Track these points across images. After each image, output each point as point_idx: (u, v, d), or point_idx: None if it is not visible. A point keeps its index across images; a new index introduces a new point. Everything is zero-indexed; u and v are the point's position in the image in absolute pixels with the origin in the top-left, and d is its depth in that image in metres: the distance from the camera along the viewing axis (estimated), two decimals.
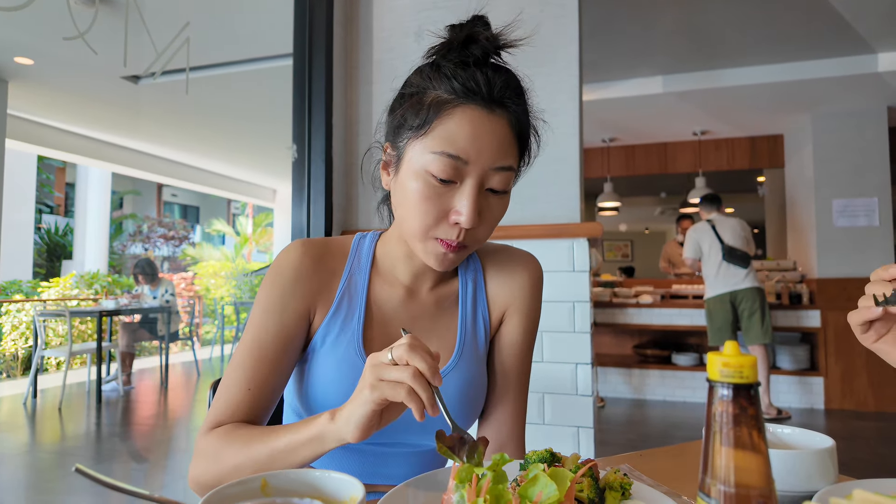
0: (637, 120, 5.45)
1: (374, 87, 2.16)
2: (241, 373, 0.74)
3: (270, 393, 0.76)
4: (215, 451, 0.70)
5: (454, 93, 0.69)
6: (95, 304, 6.67)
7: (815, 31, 3.80)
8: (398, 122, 0.74)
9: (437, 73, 0.72)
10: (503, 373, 0.87)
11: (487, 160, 0.70)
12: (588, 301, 1.88)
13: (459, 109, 0.69)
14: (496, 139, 0.70)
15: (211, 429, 0.73)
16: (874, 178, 4.78)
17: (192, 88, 4.73)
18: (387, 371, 0.59)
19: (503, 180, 0.72)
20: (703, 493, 0.40)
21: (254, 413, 0.75)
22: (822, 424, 4.29)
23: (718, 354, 0.40)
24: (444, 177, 0.69)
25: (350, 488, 0.51)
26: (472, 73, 0.70)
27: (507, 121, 0.71)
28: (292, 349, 0.77)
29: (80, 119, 6.03)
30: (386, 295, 0.83)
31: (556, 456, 0.61)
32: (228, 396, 0.74)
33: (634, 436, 4.07)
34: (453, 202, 0.71)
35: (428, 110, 0.70)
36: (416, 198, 0.71)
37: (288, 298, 0.77)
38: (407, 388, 0.58)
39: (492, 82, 0.70)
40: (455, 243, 0.72)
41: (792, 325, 4.86)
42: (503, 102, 0.71)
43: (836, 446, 0.67)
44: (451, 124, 0.69)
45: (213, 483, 0.68)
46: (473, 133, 0.69)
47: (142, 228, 13.47)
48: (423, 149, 0.70)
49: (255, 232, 13.43)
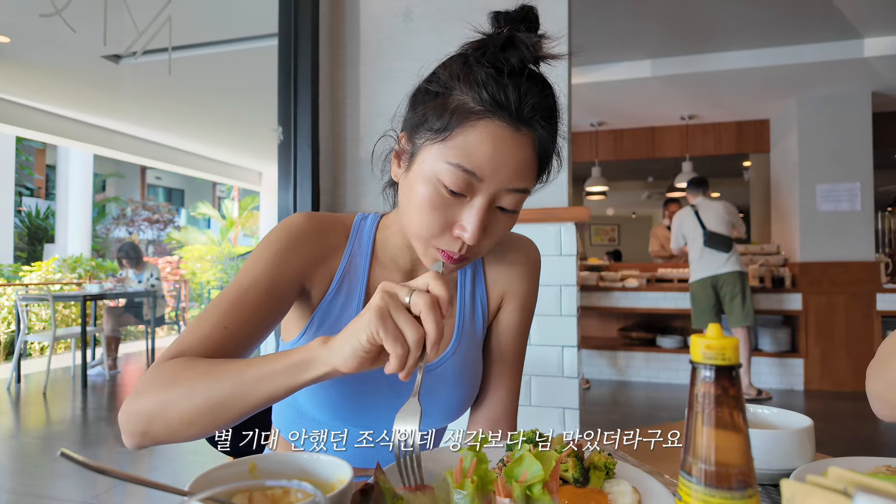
0: (625, 104, 5.45)
1: (360, 68, 2.13)
2: (218, 311, 0.69)
3: (247, 338, 0.70)
4: (169, 376, 0.62)
5: (481, 103, 0.65)
6: (79, 289, 6.59)
7: (803, 16, 3.81)
8: (419, 119, 0.70)
9: (468, 76, 0.66)
10: (500, 356, 0.87)
11: (503, 181, 0.66)
12: (575, 285, 1.90)
13: (483, 123, 0.65)
14: (515, 161, 0.66)
15: (169, 360, 0.65)
16: (857, 163, 4.84)
17: (176, 69, 4.63)
18: (399, 315, 0.55)
19: (515, 201, 0.69)
20: (684, 472, 0.41)
21: (226, 354, 0.68)
22: (802, 405, 4.40)
23: (701, 337, 0.40)
24: (455, 189, 0.66)
25: (338, 470, 0.51)
26: (504, 84, 0.65)
27: (532, 142, 0.67)
28: (279, 305, 0.73)
29: (60, 99, 5.88)
30: (385, 280, 0.82)
31: (542, 436, 0.62)
32: (200, 331, 0.67)
33: (618, 416, 4.14)
34: (460, 216, 0.68)
35: (451, 116, 0.66)
36: (423, 203, 0.68)
37: (289, 255, 0.75)
38: (405, 349, 0.55)
39: (523, 99, 0.65)
40: (457, 256, 0.70)
41: (774, 308, 4.95)
42: (530, 123, 0.66)
43: (813, 426, 0.69)
44: (472, 137, 0.65)
45: (156, 409, 0.60)
46: (494, 151, 0.65)
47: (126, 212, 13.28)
48: (438, 155, 0.67)
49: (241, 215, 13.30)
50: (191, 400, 0.59)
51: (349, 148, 2.14)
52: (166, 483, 0.47)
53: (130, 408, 0.62)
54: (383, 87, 2.11)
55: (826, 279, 4.82)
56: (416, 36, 2.07)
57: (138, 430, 0.61)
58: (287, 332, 0.84)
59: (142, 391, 0.62)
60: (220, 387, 0.59)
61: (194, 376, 0.61)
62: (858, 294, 4.73)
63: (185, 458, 3.22)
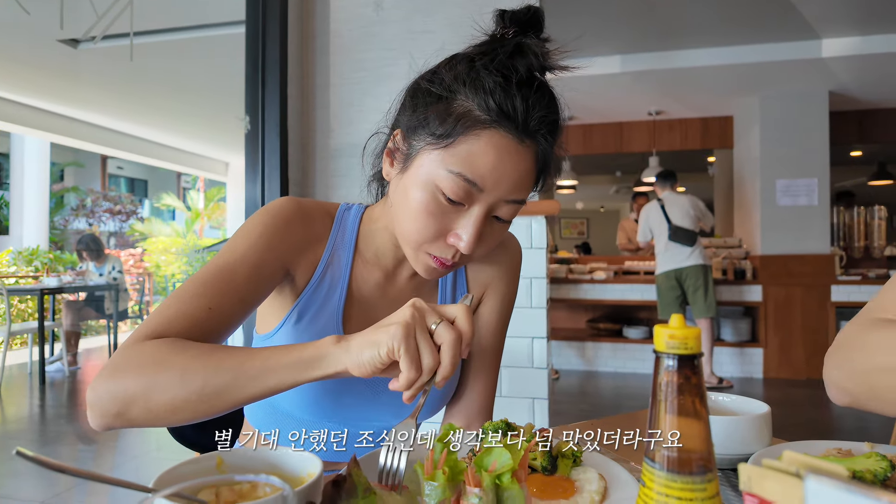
0: (595, 99, 5.52)
1: (331, 57, 2.10)
2: (204, 290, 0.65)
3: (229, 323, 0.67)
4: (155, 356, 0.58)
5: (488, 112, 0.63)
6: (36, 282, 6.34)
7: (765, 15, 3.92)
8: (419, 120, 0.67)
9: (474, 82, 0.64)
10: (478, 351, 0.87)
11: (503, 192, 0.66)
12: (544, 277, 1.92)
13: (488, 133, 0.63)
14: (518, 173, 0.66)
15: (149, 338, 0.60)
16: (815, 160, 5.02)
17: (138, 55, 4.47)
18: (422, 338, 0.55)
19: (512, 212, 0.69)
20: (648, 459, 0.42)
21: (208, 339, 0.64)
22: (760, 392, 4.56)
23: (665, 327, 0.41)
24: (454, 198, 0.65)
25: (308, 464, 0.51)
26: (512, 94, 0.63)
27: (534, 154, 0.67)
28: (263, 288, 0.71)
29: (13, 84, 5.62)
30: (367, 275, 0.81)
31: (511, 426, 0.63)
32: (183, 308, 0.63)
33: (587, 406, 4.22)
34: (456, 224, 0.67)
35: (455, 122, 0.64)
36: (419, 209, 0.67)
37: (275, 237, 0.72)
38: (418, 373, 0.55)
39: (530, 111, 0.64)
40: (450, 263, 0.70)
41: (735, 300, 5.11)
42: (535, 135, 0.65)
43: (770, 412, 0.72)
44: (476, 146, 0.63)
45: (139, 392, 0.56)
46: (497, 162, 0.64)
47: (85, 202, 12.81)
48: (439, 161, 0.65)
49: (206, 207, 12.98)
50: (184, 386, 0.56)
51: (319, 138, 2.11)
52: (129, 480, 0.45)
53: (105, 386, 0.57)
54: (354, 77, 2.08)
55: (785, 271, 5.00)
56: (387, 25, 2.05)
57: (112, 410, 0.57)
58: (263, 324, 0.81)
59: (121, 370, 0.58)
60: (219, 375, 0.57)
61: (187, 360, 0.57)
62: (814, 286, 4.92)
63: (148, 454, 3.14)
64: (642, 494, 0.42)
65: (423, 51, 1.99)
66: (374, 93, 2.04)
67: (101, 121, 7.07)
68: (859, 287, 4.84)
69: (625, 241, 6.22)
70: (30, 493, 2.60)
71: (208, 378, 0.57)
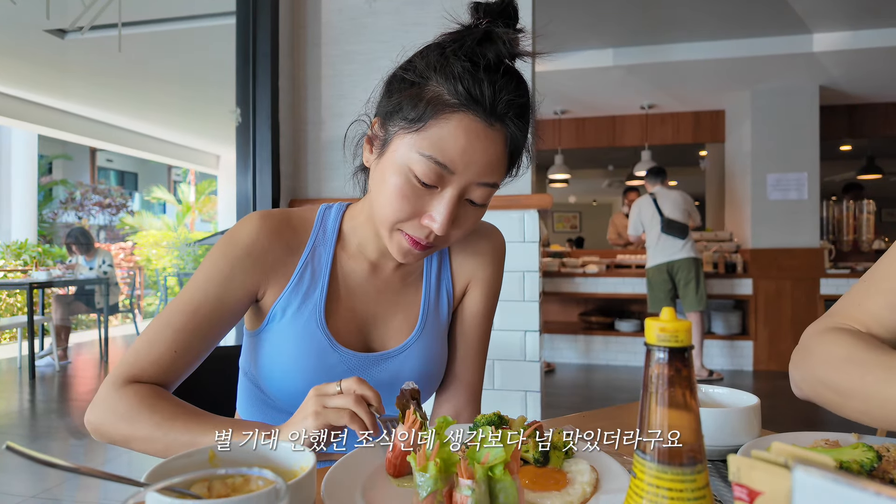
0: (588, 92, 5.52)
1: (322, 48, 2.09)
2: (171, 333, 0.72)
3: (193, 360, 0.75)
4: (129, 412, 0.68)
5: (456, 96, 0.66)
6: (25, 276, 6.28)
7: (756, 10, 3.92)
8: (393, 106, 0.70)
9: (444, 68, 0.67)
10: (464, 343, 0.88)
11: (474, 175, 0.68)
12: (537, 271, 1.92)
13: (458, 116, 0.66)
14: (487, 155, 0.67)
15: (127, 382, 0.71)
16: (805, 154, 5.05)
17: (126, 46, 4.42)
18: (331, 399, 0.62)
19: (485, 195, 0.71)
20: (639, 451, 0.42)
21: (173, 377, 0.74)
22: (750, 384, 4.61)
23: (656, 320, 0.42)
24: (426, 181, 0.67)
25: (300, 457, 0.51)
26: (479, 78, 0.66)
27: (503, 138, 0.68)
28: (227, 322, 0.76)
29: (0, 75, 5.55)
30: (350, 269, 0.82)
31: (503, 419, 0.63)
32: (152, 353, 0.72)
33: (579, 398, 4.25)
34: (429, 206, 0.69)
35: (426, 107, 0.67)
36: (393, 192, 0.69)
37: (236, 271, 0.75)
38: (349, 413, 0.61)
39: (497, 95, 0.66)
40: (424, 243, 0.71)
41: (726, 293, 5.15)
42: (503, 119, 0.68)
43: (760, 404, 0.72)
44: (445, 129, 0.66)
45: (120, 441, 0.69)
46: (467, 145, 0.66)
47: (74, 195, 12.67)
48: (411, 145, 0.67)
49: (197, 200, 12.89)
50: (150, 445, 0.68)
51: (310, 131, 2.10)
52: (121, 475, 0.45)
53: (94, 426, 0.70)
54: (345, 69, 2.07)
55: (775, 265, 5.04)
56: (378, 17, 2.04)
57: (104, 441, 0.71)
58: (251, 322, 0.83)
59: (105, 416, 0.69)
60: (175, 443, 0.66)
61: (153, 425, 0.67)
62: (804, 279, 4.97)
63: None
64: (633, 486, 0.43)
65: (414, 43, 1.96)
66: (366, 85, 2.02)
67: (90, 113, 6.99)
68: (848, 280, 4.89)
69: (614, 235, 6.24)
70: (20, 488, 2.59)
71: (168, 445, 0.67)
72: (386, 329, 0.83)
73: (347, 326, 0.80)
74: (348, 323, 0.80)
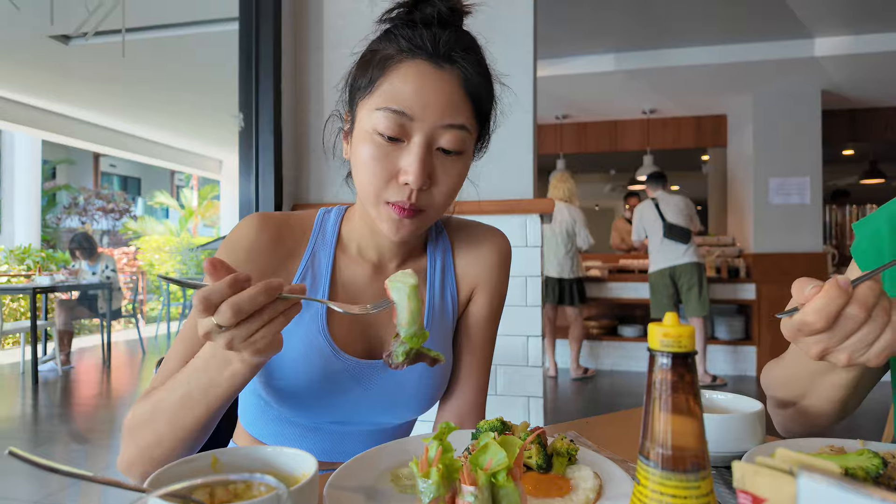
0: (589, 97, 5.53)
1: (325, 53, 2.09)
2: (182, 346, 0.72)
3: None
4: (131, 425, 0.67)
5: (399, 50, 0.68)
6: (28, 281, 6.29)
7: (758, 14, 3.93)
8: (349, 86, 0.74)
9: (385, 34, 0.71)
10: (469, 349, 0.87)
11: (435, 117, 0.67)
12: (539, 276, 1.92)
13: (405, 65, 0.67)
14: (443, 95, 0.67)
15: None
16: (807, 158, 5.05)
17: (130, 51, 4.44)
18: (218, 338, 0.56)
19: (454, 140, 0.69)
20: (642, 457, 0.42)
21: None
22: (754, 390, 4.59)
23: (659, 325, 0.41)
24: (389, 133, 0.67)
25: (303, 463, 0.51)
26: (418, 30, 0.68)
27: (457, 77, 0.68)
28: None
29: (4, 81, 5.58)
30: (351, 273, 0.80)
31: (506, 424, 0.63)
32: (167, 368, 0.72)
33: (582, 404, 4.23)
34: (401, 162, 0.68)
35: (374, 69, 0.69)
36: (366, 159, 0.69)
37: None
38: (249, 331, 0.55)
39: (437, 37, 0.68)
40: (407, 205, 0.69)
41: (729, 298, 5.13)
42: (451, 58, 0.68)
43: (764, 410, 0.72)
44: (395, 80, 0.67)
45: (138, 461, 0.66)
46: (419, 88, 0.67)
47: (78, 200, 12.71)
48: (370, 108, 0.69)
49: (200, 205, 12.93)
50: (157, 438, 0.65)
51: (313, 135, 2.11)
52: (121, 480, 0.45)
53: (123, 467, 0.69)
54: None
55: (778, 269, 5.03)
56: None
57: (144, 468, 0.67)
58: None
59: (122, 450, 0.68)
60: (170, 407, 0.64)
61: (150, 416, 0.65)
62: None
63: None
64: (637, 492, 0.42)
65: None
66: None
67: (94, 118, 7.02)
68: None
69: (618, 241, 6.24)
70: (22, 494, 2.59)
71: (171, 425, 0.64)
72: (389, 335, 0.81)
73: (350, 332, 0.79)
74: (350, 329, 0.79)
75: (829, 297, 0.55)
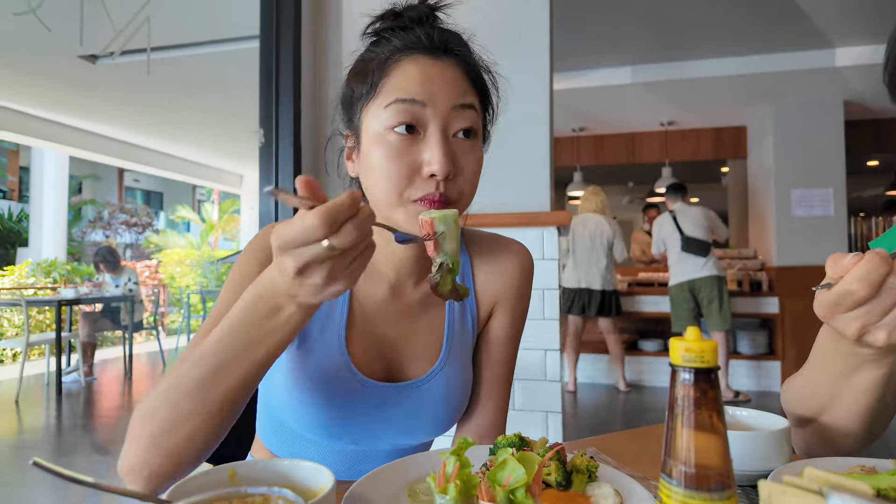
0: (606, 110, 5.51)
1: (344, 69, 2.12)
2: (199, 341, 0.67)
3: None
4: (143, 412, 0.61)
5: (395, 50, 0.69)
6: (54, 293, 6.44)
7: (777, 25, 3.90)
8: (348, 99, 0.74)
9: (377, 41, 0.73)
10: (490, 366, 0.84)
11: (445, 100, 0.68)
12: (556, 289, 1.91)
13: (404, 61, 0.69)
14: (448, 79, 0.69)
15: None
16: (830, 170, 4.96)
17: (155, 70, 4.56)
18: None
19: (468, 119, 0.69)
20: (664, 474, 0.41)
21: None
22: (778, 406, 4.46)
23: (681, 340, 0.41)
24: (406, 121, 0.66)
25: (320, 477, 0.50)
26: (411, 31, 0.70)
27: (456, 64, 0.70)
28: None
29: (35, 99, 5.76)
30: (369, 292, 0.78)
31: (524, 440, 0.62)
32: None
33: (602, 420, 4.17)
34: (422, 154, 0.66)
35: (373, 73, 0.70)
36: (383, 161, 0.66)
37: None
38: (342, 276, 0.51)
39: (431, 34, 0.70)
40: (437, 196, 0.66)
41: (752, 312, 5.03)
42: (448, 48, 0.70)
43: (790, 427, 0.70)
44: (398, 76, 0.68)
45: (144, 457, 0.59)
46: (423, 77, 0.68)
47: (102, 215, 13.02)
48: (377, 110, 0.68)
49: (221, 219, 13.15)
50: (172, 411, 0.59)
51: (332, 150, 2.13)
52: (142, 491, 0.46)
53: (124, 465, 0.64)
54: None
55: (801, 283, 4.92)
56: None
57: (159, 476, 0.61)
58: None
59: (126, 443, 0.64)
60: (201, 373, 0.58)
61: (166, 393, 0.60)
62: None
63: None
64: None
65: None
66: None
67: (119, 134, 7.21)
68: None
69: (639, 253, 6.18)
70: (46, 503, 2.62)
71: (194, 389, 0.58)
72: (408, 355, 0.79)
73: (368, 353, 0.77)
74: (369, 349, 0.77)
75: (874, 265, 0.53)
